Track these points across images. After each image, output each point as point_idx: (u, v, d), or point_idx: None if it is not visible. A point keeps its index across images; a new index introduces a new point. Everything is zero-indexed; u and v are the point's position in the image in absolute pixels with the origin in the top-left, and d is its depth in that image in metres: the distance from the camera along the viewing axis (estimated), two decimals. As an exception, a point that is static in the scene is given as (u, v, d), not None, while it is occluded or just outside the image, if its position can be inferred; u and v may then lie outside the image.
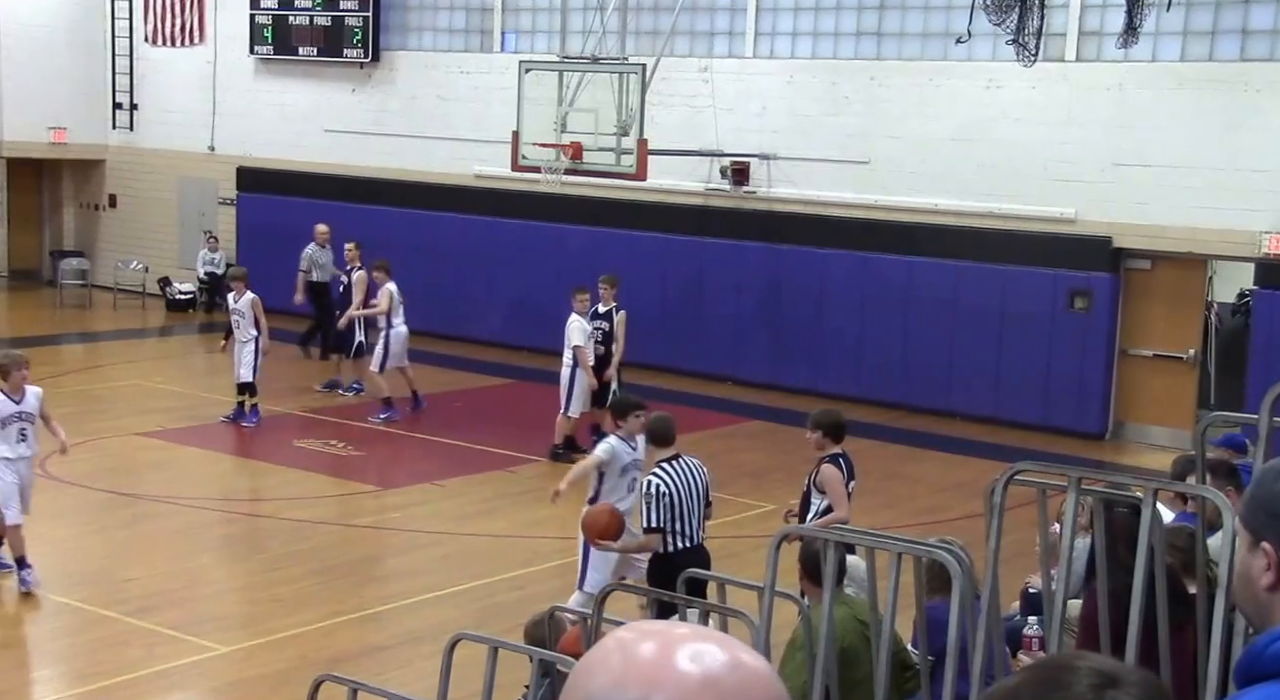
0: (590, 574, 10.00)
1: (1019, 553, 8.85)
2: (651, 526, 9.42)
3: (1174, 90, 17.28)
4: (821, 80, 19.76)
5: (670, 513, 9.41)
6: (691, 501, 9.55)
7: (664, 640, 1.29)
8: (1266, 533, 2.47)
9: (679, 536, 9.45)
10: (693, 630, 1.33)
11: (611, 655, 1.29)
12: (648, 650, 1.28)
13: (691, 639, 1.30)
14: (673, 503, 9.42)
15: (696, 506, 9.59)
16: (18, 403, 11.34)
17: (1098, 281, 17.93)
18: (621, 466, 10.18)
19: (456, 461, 16.05)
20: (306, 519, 13.75)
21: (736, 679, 1.26)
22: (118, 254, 26.87)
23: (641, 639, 1.30)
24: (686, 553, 9.32)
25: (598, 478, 10.24)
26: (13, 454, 11.30)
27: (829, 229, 19.56)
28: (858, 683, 6.87)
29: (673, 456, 9.63)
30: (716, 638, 1.32)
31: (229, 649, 10.35)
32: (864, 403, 18.25)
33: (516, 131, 18.59)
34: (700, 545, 9.58)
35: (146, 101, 26.87)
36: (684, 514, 9.48)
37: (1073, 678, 1.90)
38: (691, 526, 9.54)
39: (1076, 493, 5.25)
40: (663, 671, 1.26)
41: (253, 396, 17.17)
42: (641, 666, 1.27)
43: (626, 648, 1.30)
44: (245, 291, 17.16)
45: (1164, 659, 4.97)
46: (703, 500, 9.71)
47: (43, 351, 22.04)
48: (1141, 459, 16.80)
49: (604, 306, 16.43)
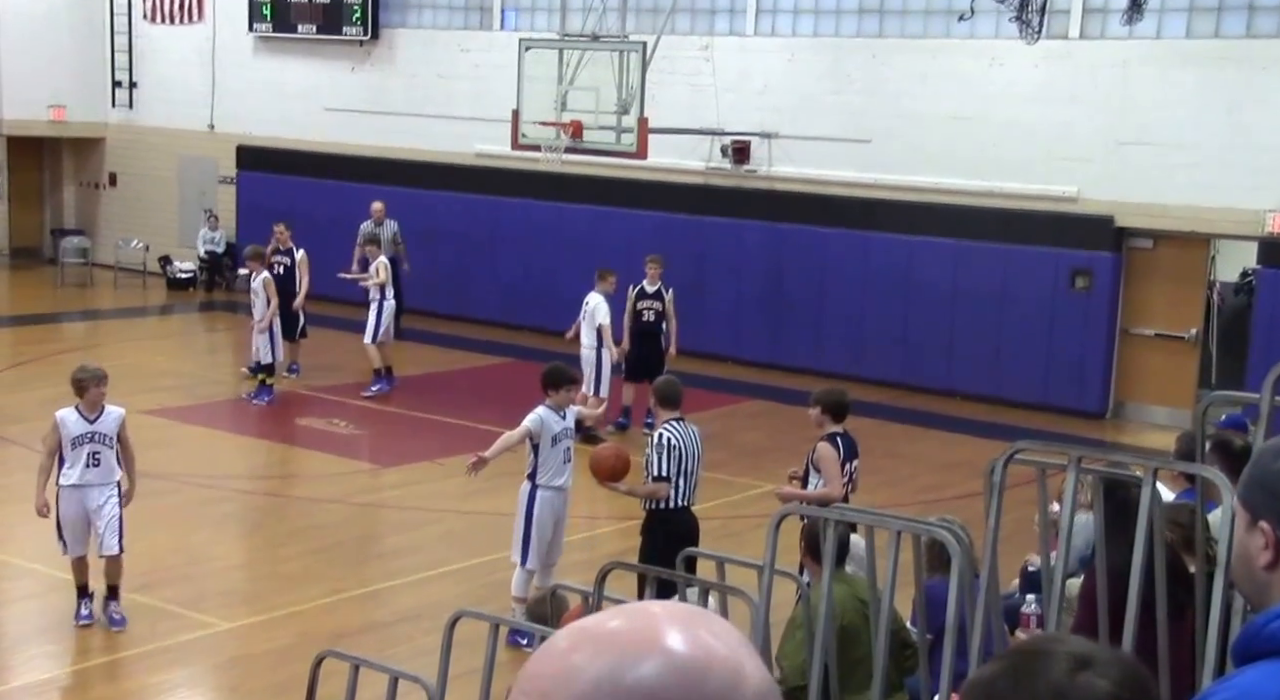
0: (531, 552, 10.04)
1: (1018, 531, 8.87)
2: (660, 475, 9.64)
3: (1179, 68, 17.23)
4: (823, 58, 19.71)
5: (677, 467, 9.70)
6: (693, 462, 9.84)
7: (639, 619, 1.32)
8: (1264, 512, 2.48)
9: (679, 493, 9.77)
10: (663, 608, 1.35)
11: (586, 631, 1.33)
12: (620, 627, 1.31)
13: (663, 617, 1.32)
14: (681, 457, 9.71)
15: (696, 468, 9.90)
16: (92, 422, 10.08)
17: (1099, 261, 17.91)
18: (552, 436, 10.07)
19: (457, 440, 16.04)
20: (308, 496, 13.78)
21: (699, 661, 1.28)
22: (118, 232, 26.85)
23: (615, 617, 1.33)
24: (682, 511, 9.80)
25: (532, 449, 10.11)
26: (79, 480, 10.01)
27: (830, 208, 19.54)
28: (857, 660, 6.89)
29: (679, 417, 9.93)
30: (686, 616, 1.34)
31: (231, 625, 10.39)
32: (864, 382, 18.24)
33: (516, 110, 18.56)
34: (690, 509, 9.93)
35: (146, 79, 26.82)
36: (686, 471, 9.79)
37: (1048, 663, 1.92)
38: (690, 486, 9.86)
39: (1076, 472, 5.26)
40: (633, 646, 1.29)
41: (270, 376, 17.26)
42: (615, 641, 1.30)
43: (600, 625, 1.33)
44: (261, 270, 17.24)
45: (1161, 635, 4.99)
46: (700, 465, 10.01)
47: (44, 330, 22.07)
48: (1142, 438, 16.80)
49: (652, 286, 16.52)
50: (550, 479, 10.13)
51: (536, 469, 10.13)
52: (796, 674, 6.92)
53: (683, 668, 1.28)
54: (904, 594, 6.90)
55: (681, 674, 1.27)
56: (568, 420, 10.24)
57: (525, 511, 10.12)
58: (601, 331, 15.86)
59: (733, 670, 1.29)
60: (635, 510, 9.95)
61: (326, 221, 22.93)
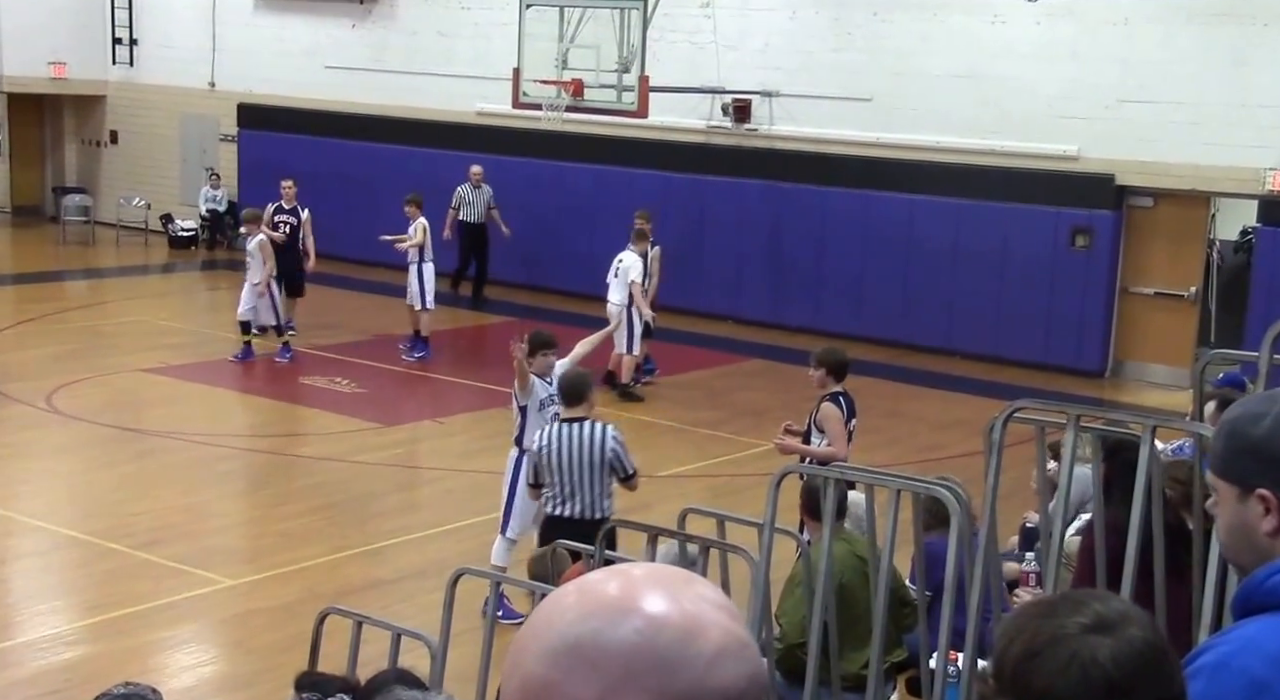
0: (513, 520, 9.90)
1: (1017, 490, 8.92)
2: (531, 483, 9.23)
3: (1181, 25, 17.18)
4: (824, 16, 19.65)
5: (552, 477, 8.92)
6: (580, 469, 8.92)
7: (624, 580, 1.37)
8: (1260, 480, 2.48)
9: (561, 501, 8.93)
10: (648, 570, 1.39)
11: (569, 595, 1.38)
12: (610, 588, 1.36)
13: (646, 579, 1.37)
14: (552, 467, 8.89)
15: (576, 473, 8.92)
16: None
17: (1100, 219, 17.92)
18: (539, 402, 9.99)
19: (460, 399, 16.13)
20: (312, 455, 13.84)
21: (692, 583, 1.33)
22: (120, 190, 26.84)
23: (605, 578, 1.38)
24: (573, 521, 8.77)
25: (520, 413, 10.06)
26: None
27: (830, 167, 19.53)
28: (856, 618, 6.96)
29: (576, 418, 9.03)
30: (670, 577, 1.38)
31: (235, 582, 10.47)
32: (864, 341, 18.28)
33: (517, 68, 18.53)
34: (594, 520, 8.66)
35: (146, 37, 26.73)
36: (568, 480, 8.92)
37: (1072, 614, 1.93)
38: (582, 494, 8.94)
39: (1075, 430, 5.31)
40: (629, 597, 1.34)
41: (246, 334, 17.22)
42: (609, 598, 1.35)
43: (587, 587, 1.38)
44: (257, 232, 17.21)
45: (1159, 592, 5.04)
46: (599, 471, 8.94)
47: (46, 288, 22.11)
48: (1141, 397, 16.86)
49: None
50: None
51: (523, 431, 9.98)
52: (796, 631, 6.99)
53: (644, 629, 1.33)
54: (903, 552, 6.97)
55: (638, 633, 1.33)
56: (553, 388, 9.93)
57: (511, 477, 9.95)
58: (633, 288, 15.86)
59: (687, 629, 1.34)
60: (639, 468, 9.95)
61: (327, 179, 22.92)
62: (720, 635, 1.34)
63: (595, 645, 1.33)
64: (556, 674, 1.33)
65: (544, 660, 1.34)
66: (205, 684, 9.08)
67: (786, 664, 6.95)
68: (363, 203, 22.82)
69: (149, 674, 9.19)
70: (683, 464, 13.85)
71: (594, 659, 1.32)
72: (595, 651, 1.32)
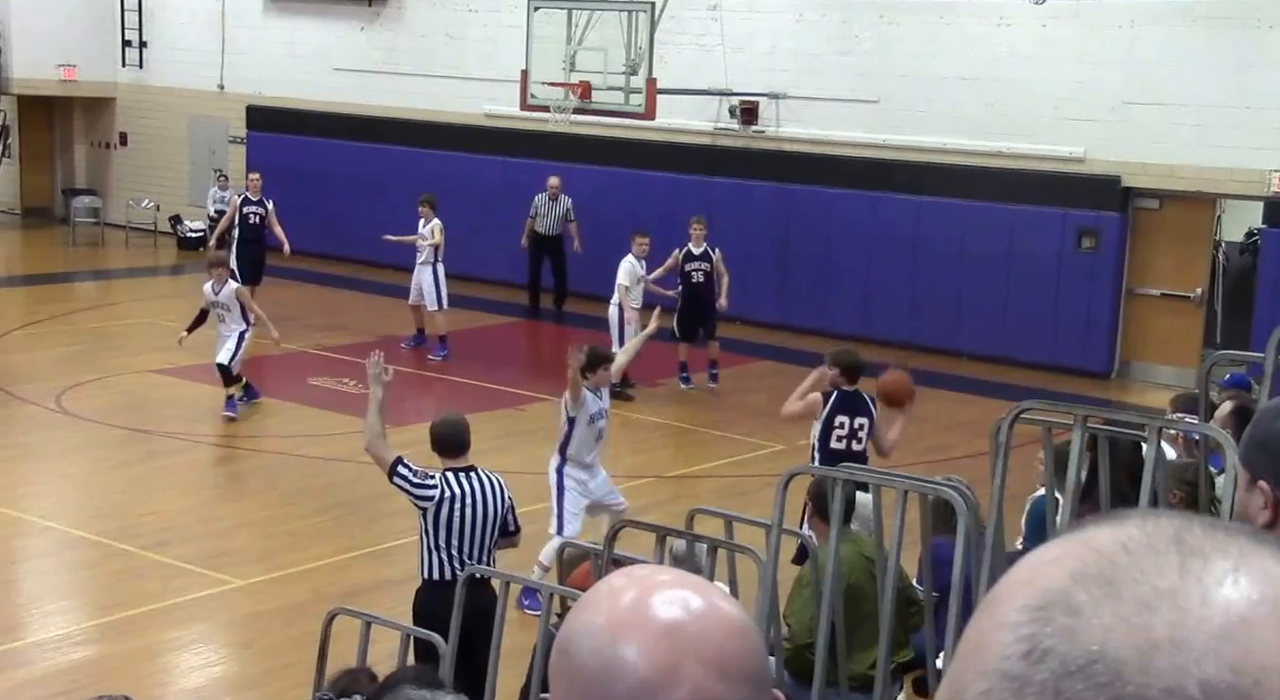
0: (566, 523, 9.99)
1: (1024, 491, 8.94)
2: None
3: (1187, 28, 17.20)
4: (831, 19, 19.68)
5: (447, 533, 8.04)
6: (479, 524, 8.07)
7: (643, 587, 1.40)
8: (1263, 472, 2.53)
9: (453, 560, 7.98)
10: (674, 577, 1.42)
11: (600, 599, 1.41)
12: (628, 597, 1.39)
13: (669, 586, 1.40)
14: (451, 521, 8.05)
15: (484, 532, 8.07)
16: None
17: (1106, 221, 17.93)
18: (590, 415, 10.13)
19: (467, 399, 16.12)
20: (320, 456, 13.87)
21: (699, 626, 1.35)
22: (129, 192, 26.89)
23: (627, 585, 1.41)
24: (448, 585, 7.44)
25: (568, 423, 10.15)
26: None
27: (838, 169, 19.55)
28: (864, 618, 6.99)
29: (464, 467, 8.22)
30: (694, 584, 1.41)
31: (244, 583, 10.51)
32: (872, 342, 18.25)
33: (525, 70, 18.56)
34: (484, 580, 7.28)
35: (155, 39, 26.79)
36: (466, 536, 8.06)
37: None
38: (466, 552, 7.99)
39: (1082, 431, 5.33)
40: (634, 617, 1.37)
41: (229, 385, 14.87)
42: (618, 611, 1.38)
43: (612, 593, 1.41)
44: (227, 279, 14.72)
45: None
46: (494, 526, 8.08)
47: (56, 289, 22.17)
48: (1147, 398, 16.84)
49: (698, 248, 16.79)
50: (579, 455, 10.17)
51: (569, 441, 10.15)
52: (803, 631, 7.02)
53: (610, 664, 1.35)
54: (910, 553, 6.99)
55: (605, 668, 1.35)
56: (604, 402, 10.25)
57: (557, 486, 10.13)
58: (619, 291, 16.06)
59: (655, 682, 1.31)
60: (647, 469, 10.00)
61: (336, 181, 22.97)
62: (686, 696, 1.28)
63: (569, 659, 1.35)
64: None
65: None
66: (214, 684, 9.13)
67: (795, 664, 6.98)
68: (371, 204, 22.85)
69: (157, 674, 9.25)
70: (690, 465, 13.87)
71: (569, 672, 1.35)
72: (569, 667, 1.34)
